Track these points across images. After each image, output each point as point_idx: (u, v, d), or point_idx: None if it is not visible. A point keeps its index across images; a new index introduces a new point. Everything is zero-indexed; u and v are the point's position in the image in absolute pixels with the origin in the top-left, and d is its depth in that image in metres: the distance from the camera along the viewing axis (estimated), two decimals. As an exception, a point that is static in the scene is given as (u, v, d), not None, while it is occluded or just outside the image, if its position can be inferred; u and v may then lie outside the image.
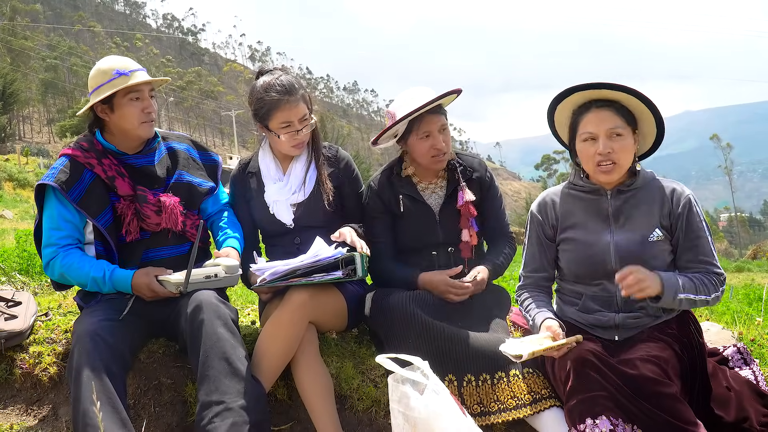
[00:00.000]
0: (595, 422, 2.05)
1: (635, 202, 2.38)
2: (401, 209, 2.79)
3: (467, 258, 2.77)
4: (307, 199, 2.74)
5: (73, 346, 2.23)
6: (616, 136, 2.30)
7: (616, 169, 2.32)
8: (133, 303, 2.44)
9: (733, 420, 2.24)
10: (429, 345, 2.41)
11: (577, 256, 2.43)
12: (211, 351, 2.21)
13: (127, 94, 2.45)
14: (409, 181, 2.82)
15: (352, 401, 2.57)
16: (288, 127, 2.65)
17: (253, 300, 3.59)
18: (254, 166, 2.85)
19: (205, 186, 2.70)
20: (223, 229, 2.75)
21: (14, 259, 4.18)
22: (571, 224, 2.47)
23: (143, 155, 2.56)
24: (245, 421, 2.10)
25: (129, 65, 2.49)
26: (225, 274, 2.47)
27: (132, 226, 2.49)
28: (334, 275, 2.44)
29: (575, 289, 2.48)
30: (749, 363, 2.62)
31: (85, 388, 2.10)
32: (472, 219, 2.76)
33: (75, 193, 2.41)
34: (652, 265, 2.31)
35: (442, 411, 2.00)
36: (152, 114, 2.52)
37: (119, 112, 2.46)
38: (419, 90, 2.71)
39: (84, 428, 2.07)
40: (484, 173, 2.85)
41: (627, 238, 2.35)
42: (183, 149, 2.72)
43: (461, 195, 2.74)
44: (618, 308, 2.38)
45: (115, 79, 2.44)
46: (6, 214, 17.41)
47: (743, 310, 4.12)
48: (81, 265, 2.42)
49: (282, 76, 2.68)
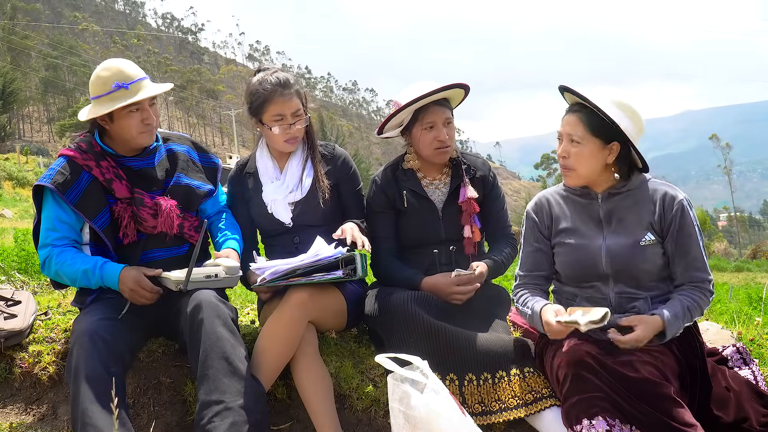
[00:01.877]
0: (591, 423, 2.05)
1: (627, 206, 2.38)
2: (405, 204, 2.78)
3: (470, 254, 2.77)
4: (304, 198, 2.74)
5: (72, 346, 2.23)
6: (574, 142, 2.33)
7: (573, 174, 2.37)
8: (132, 302, 2.44)
9: (733, 420, 2.24)
10: (430, 345, 2.41)
11: (569, 259, 2.43)
12: (210, 350, 2.21)
13: (127, 107, 2.43)
14: (413, 176, 2.82)
15: (351, 400, 2.57)
16: (281, 120, 2.66)
17: (252, 299, 3.59)
18: (252, 166, 2.85)
19: (203, 189, 2.70)
20: (222, 230, 2.74)
21: (13, 258, 4.18)
22: (563, 227, 2.47)
23: (142, 158, 2.56)
24: (245, 420, 2.11)
25: (130, 74, 2.44)
26: (225, 275, 2.46)
27: (129, 229, 2.48)
28: (333, 275, 2.44)
29: (569, 290, 2.48)
30: (748, 363, 2.62)
31: (85, 388, 2.10)
32: (475, 215, 2.76)
33: (72, 195, 2.41)
34: (642, 268, 2.33)
35: (442, 410, 2.00)
36: (152, 124, 2.50)
37: (118, 123, 2.45)
38: (426, 82, 2.72)
39: (83, 427, 2.07)
40: (488, 173, 2.86)
41: (618, 242, 2.35)
42: (183, 151, 2.71)
43: (463, 191, 2.75)
44: (612, 310, 2.37)
45: (115, 92, 2.41)
46: (5, 213, 17.41)
47: (742, 309, 4.12)
48: (74, 261, 2.41)
49: (278, 72, 2.70)
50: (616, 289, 2.37)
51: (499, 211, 2.87)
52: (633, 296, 2.36)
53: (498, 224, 2.87)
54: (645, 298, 2.35)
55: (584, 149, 2.32)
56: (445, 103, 2.73)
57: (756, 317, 3.63)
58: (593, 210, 2.42)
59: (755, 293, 5.43)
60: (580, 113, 2.33)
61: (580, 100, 2.34)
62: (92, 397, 2.09)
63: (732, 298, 5.86)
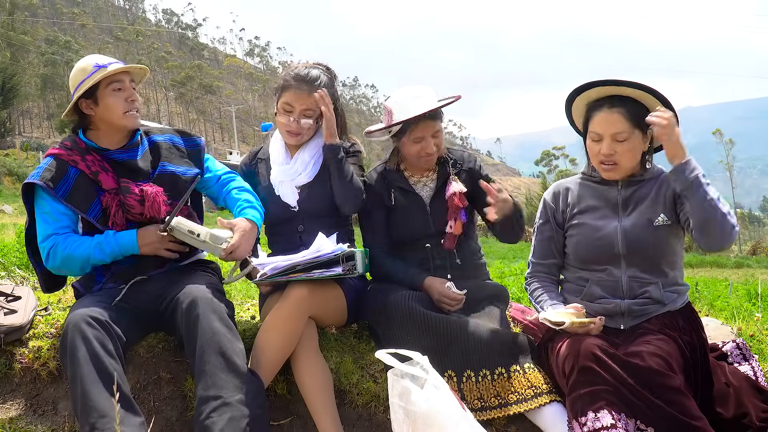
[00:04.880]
0: (596, 416, 2.05)
1: (644, 192, 2.44)
2: (393, 202, 2.80)
3: (448, 249, 2.76)
4: (312, 182, 2.76)
5: (66, 328, 2.22)
6: (620, 140, 2.36)
7: (617, 169, 2.41)
8: (126, 291, 2.44)
9: (732, 416, 2.25)
10: (428, 341, 2.41)
11: (584, 240, 2.47)
12: (207, 346, 2.21)
13: (109, 85, 2.48)
14: (400, 174, 2.84)
15: (351, 396, 2.57)
16: (290, 111, 2.71)
17: (252, 295, 3.59)
18: (264, 153, 2.91)
19: (189, 174, 2.68)
20: (237, 200, 2.68)
21: (14, 254, 4.17)
22: (581, 209, 2.51)
23: (126, 150, 2.56)
24: (243, 415, 2.10)
25: (107, 60, 2.53)
26: (207, 240, 2.44)
27: (117, 218, 2.50)
28: (333, 271, 2.45)
29: (580, 275, 2.51)
30: (748, 359, 2.62)
31: (83, 369, 2.10)
32: (462, 210, 2.75)
33: (62, 190, 2.43)
34: (656, 249, 2.39)
35: (442, 406, 2.00)
36: (136, 103, 2.54)
37: (103, 104, 2.48)
38: (418, 91, 2.71)
39: (85, 410, 2.06)
40: (474, 164, 2.87)
41: (634, 223, 2.41)
42: (165, 140, 2.71)
43: (449, 186, 2.75)
44: (623, 294, 2.40)
45: (96, 72, 2.46)
46: (5, 209, 17.41)
47: (742, 305, 4.12)
48: (82, 240, 2.45)
49: (314, 69, 2.76)
50: (628, 273, 2.40)
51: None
52: (644, 281, 2.39)
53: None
54: (656, 284, 2.38)
55: (632, 143, 2.37)
56: (435, 113, 2.70)
57: (756, 313, 3.63)
58: (611, 195, 2.48)
59: (753, 288, 5.43)
60: (619, 108, 2.36)
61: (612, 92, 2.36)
62: (92, 378, 2.09)
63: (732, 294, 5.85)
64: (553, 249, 2.60)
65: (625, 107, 2.36)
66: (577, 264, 2.52)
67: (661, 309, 2.39)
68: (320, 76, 2.73)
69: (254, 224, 2.57)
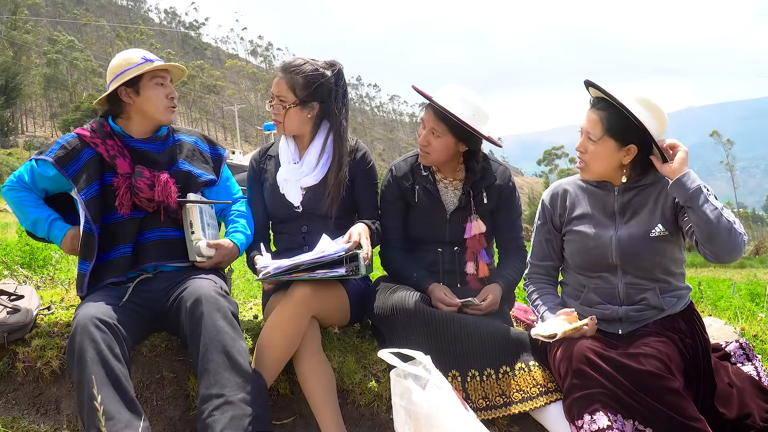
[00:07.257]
0: (592, 418, 2.05)
1: (642, 199, 2.40)
2: (416, 200, 2.77)
3: (476, 289, 2.68)
4: (317, 184, 2.74)
5: (74, 330, 2.21)
6: (591, 140, 2.35)
7: (586, 169, 2.42)
8: (132, 291, 2.44)
9: (735, 417, 2.24)
10: (432, 341, 2.40)
11: (579, 247, 2.45)
12: (210, 344, 2.21)
13: (153, 79, 2.56)
14: (430, 173, 2.76)
15: (354, 396, 2.57)
16: (271, 98, 2.76)
17: (255, 294, 3.60)
18: (274, 150, 2.89)
19: (204, 177, 2.70)
20: (233, 222, 2.78)
21: (17, 253, 4.19)
22: (577, 216, 2.49)
23: (149, 141, 2.63)
24: (245, 414, 2.10)
25: (153, 56, 2.62)
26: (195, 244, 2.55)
27: (125, 199, 2.51)
28: (336, 272, 2.44)
29: (578, 280, 2.50)
30: (752, 359, 2.62)
31: (90, 371, 2.09)
32: (483, 250, 2.72)
33: (71, 170, 2.52)
34: (651, 260, 2.35)
35: (444, 406, 2.00)
36: (175, 100, 2.65)
37: (145, 95, 2.55)
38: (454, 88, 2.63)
39: (92, 413, 2.05)
40: (507, 182, 2.77)
41: (629, 233, 2.37)
42: (190, 141, 2.76)
43: (469, 226, 2.69)
44: (620, 301, 2.39)
45: (142, 64, 2.54)
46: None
47: (745, 305, 4.12)
48: (34, 204, 2.60)
49: (312, 62, 2.72)
50: (624, 280, 2.39)
51: (513, 220, 2.80)
52: (642, 287, 2.37)
53: (510, 234, 2.81)
54: (653, 290, 2.36)
55: (600, 149, 2.34)
56: (443, 115, 2.59)
57: (759, 313, 3.63)
58: (608, 202, 2.45)
59: (756, 289, 5.43)
60: (602, 112, 2.33)
61: (604, 96, 2.33)
62: (100, 381, 2.09)
63: (735, 294, 5.85)
64: (551, 251, 2.59)
65: (606, 112, 2.32)
66: (575, 269, 2.51)
67: (659, 314, 2.37)
68: (303, 65, 2.68)
69: (238, 248, 2.68)
